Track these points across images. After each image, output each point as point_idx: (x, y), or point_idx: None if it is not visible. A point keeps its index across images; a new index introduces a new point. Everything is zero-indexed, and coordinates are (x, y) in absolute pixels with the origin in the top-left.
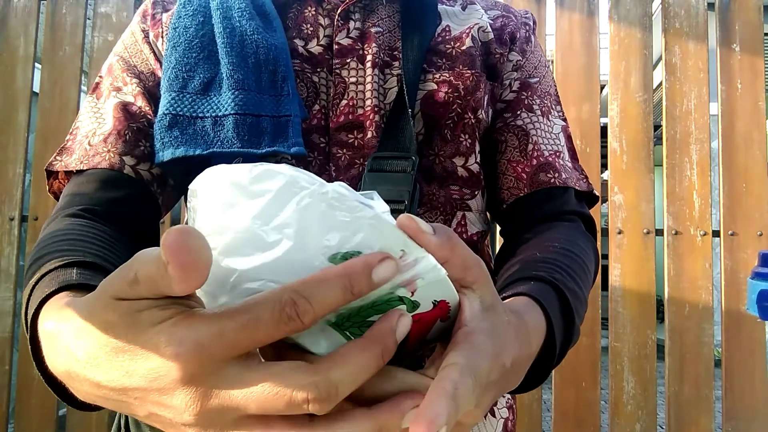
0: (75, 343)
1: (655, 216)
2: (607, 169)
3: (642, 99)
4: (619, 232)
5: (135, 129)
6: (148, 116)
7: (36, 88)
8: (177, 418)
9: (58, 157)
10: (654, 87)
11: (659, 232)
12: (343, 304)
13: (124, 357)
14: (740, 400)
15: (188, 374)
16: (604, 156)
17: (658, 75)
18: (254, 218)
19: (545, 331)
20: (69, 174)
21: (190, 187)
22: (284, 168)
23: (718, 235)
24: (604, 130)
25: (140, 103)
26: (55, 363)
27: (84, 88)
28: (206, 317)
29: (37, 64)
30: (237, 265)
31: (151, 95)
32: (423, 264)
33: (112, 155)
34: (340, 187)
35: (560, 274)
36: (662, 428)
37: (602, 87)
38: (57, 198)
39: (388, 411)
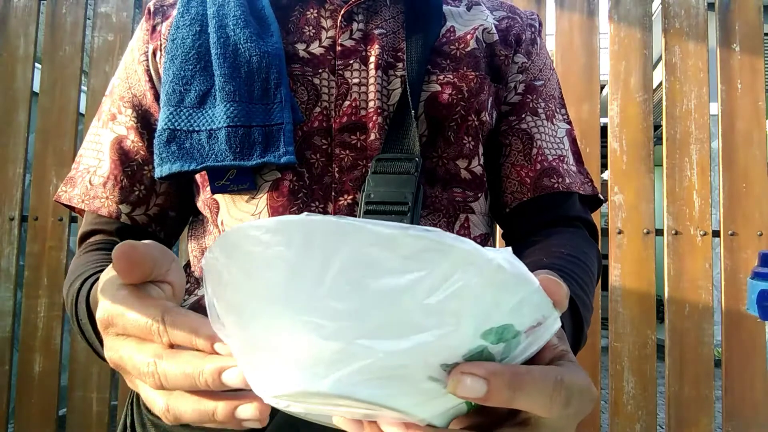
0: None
1: (655, 216)
2: (607, 169)
3: (642, 99)
4: (619, 232)
5: (129, 173)
6: (141, 152)
7: (36, 88)
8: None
9: (63, 188)
10: (654, 87)
11: (659, 232)
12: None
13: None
14: (740, 400)
15: (102, 332)
16: (604, 156)
17: (658, 75)
18: (406, 294)
19: None
20: None
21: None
22: (448, 238)
23: (718, 235)
24: (604, 130)
25: (133, 137)
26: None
27: (84, 88)
28: (123, 299)
29: (37, 64)
30: (378, 346)
31: (146, 124)
32: (550, 330)
33: (110, 203)
34: (502, 259)
35: (568, 281)
36: (662, 428)
37: (602, 87)
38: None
39: (219, 398)
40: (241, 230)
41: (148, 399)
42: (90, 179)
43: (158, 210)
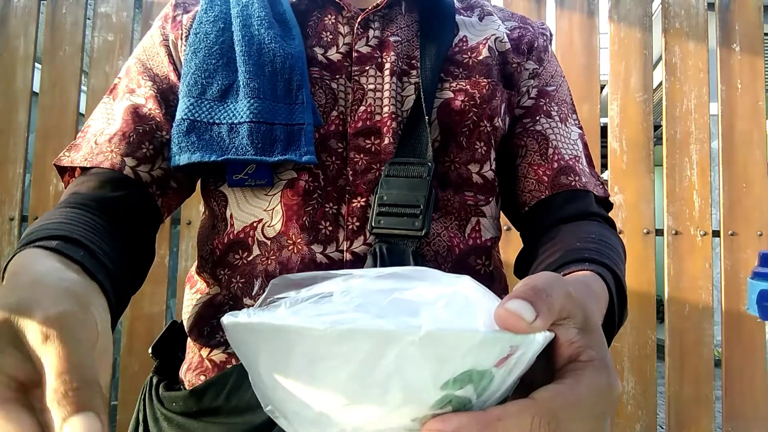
0: None
1: (655, 216)
2: (607, 169)
3: (642, 99)
4: (619, 232)
5: (141, 131)
6: (157, 118)
7: (36, 88)
8: None
9: (66, 153)
10: (654, 87)
11: (659, 232)
12: None
13: None
14: (740, 400)
15: None
16: (604, 156)
17: (658, 75)
18: (351, 380)
19: (607, 303)
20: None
21: (232, 326)
22: (369, 324)
23: (718, 235)
24: (604, 130)
25: (151, 105)
26: None
27: (84, 88)
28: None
29: (37, 64)
30: (347, 424)
31: (164, 98)
32: (533, 349)
33: (114, 155)
34: (432, 322)
35: (608, 259)
36: (662, 428)
37: (602, 87)
38: None
39: None
40: (230, 327)
41: None
42: (96, 140)
43: (162, 173)
